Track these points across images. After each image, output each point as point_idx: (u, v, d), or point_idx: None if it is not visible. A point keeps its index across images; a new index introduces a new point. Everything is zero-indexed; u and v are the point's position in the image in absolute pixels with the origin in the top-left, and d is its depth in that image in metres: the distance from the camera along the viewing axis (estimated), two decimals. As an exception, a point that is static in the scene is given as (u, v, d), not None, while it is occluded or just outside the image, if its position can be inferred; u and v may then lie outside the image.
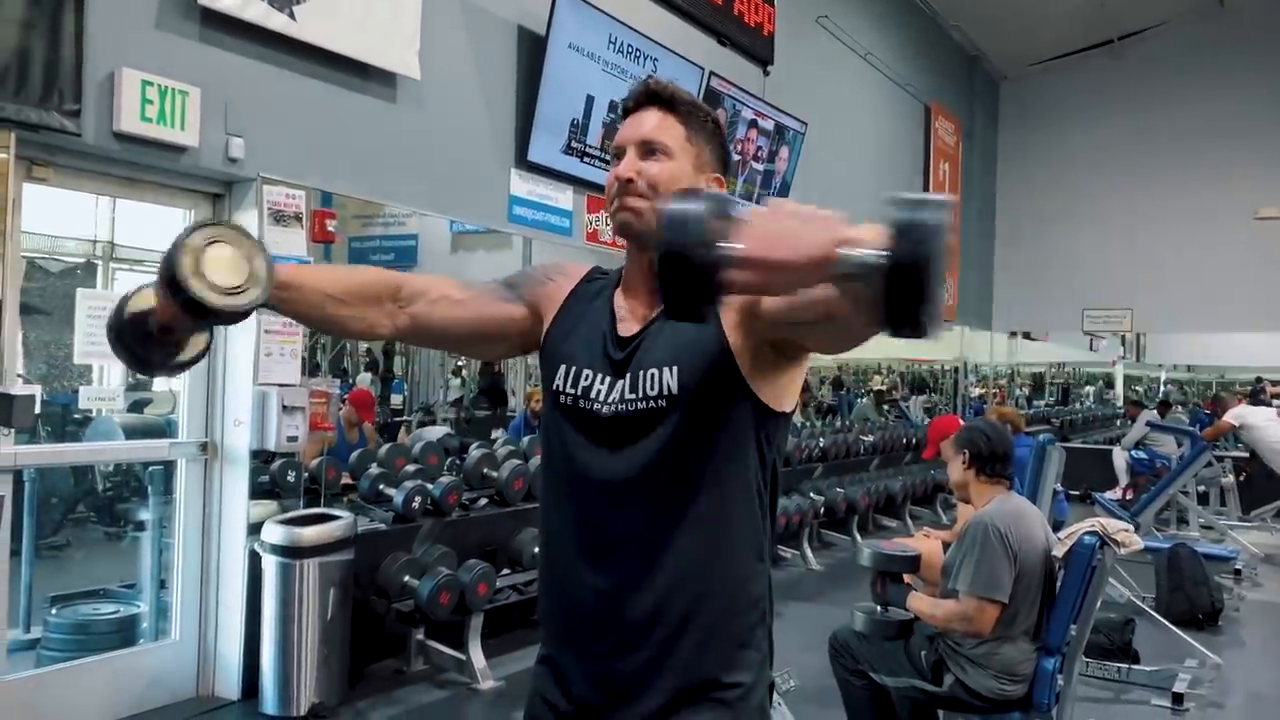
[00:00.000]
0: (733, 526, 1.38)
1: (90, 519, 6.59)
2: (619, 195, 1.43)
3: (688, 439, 1.35)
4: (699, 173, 1.45)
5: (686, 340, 1.37)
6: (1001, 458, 3.06)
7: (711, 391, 1.36)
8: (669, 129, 1.43)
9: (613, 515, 1.38)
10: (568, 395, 1.43)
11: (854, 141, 8.97)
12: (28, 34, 3.09)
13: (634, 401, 1.38)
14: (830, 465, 7.82)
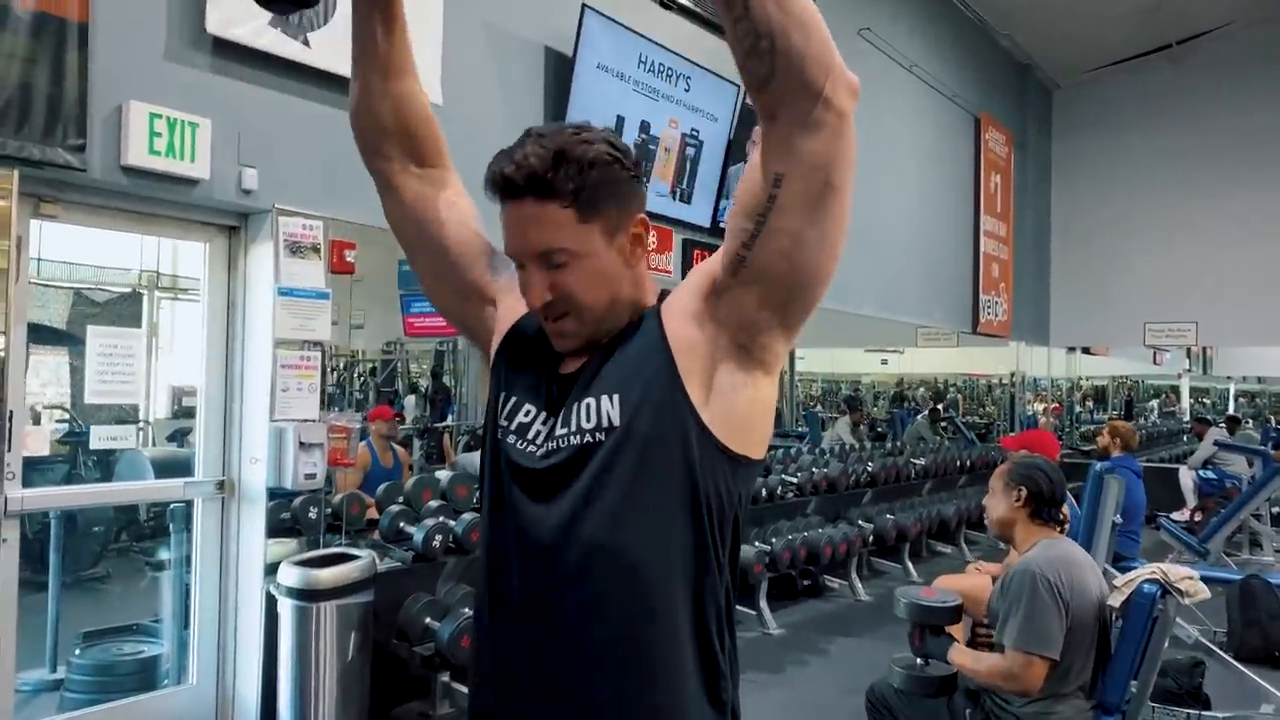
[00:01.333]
0: (684, 595, 1.19)
1: (132, 549, 6.59)
2: (546, 323, 1.27)
3: (627, 478, 1.17)
4: (611, 240, 1.24)
5: (630, 367, 1.20)
6: (1059, 502, 2.82)
7: (658, 424, 1.17)
8: (556, 225, 1.20)
9: (540, 573, 1.21)
10: (504, 429, 1.28)
11: (900, 155, 8.73)
12: (30, 69, 3.02)
13: (565, 437, 1.20)
14: (880, 490, 7.57)
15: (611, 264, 1.24)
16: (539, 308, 1.24)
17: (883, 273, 8.42)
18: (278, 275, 3.78)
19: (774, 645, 5.45)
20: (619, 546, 1.17)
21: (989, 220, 10.37)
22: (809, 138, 1.10)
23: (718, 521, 1.20)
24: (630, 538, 1.17)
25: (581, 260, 1.21)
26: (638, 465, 1.17)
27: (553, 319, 1.24)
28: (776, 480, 6.35)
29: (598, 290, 1.23)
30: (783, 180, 1.12)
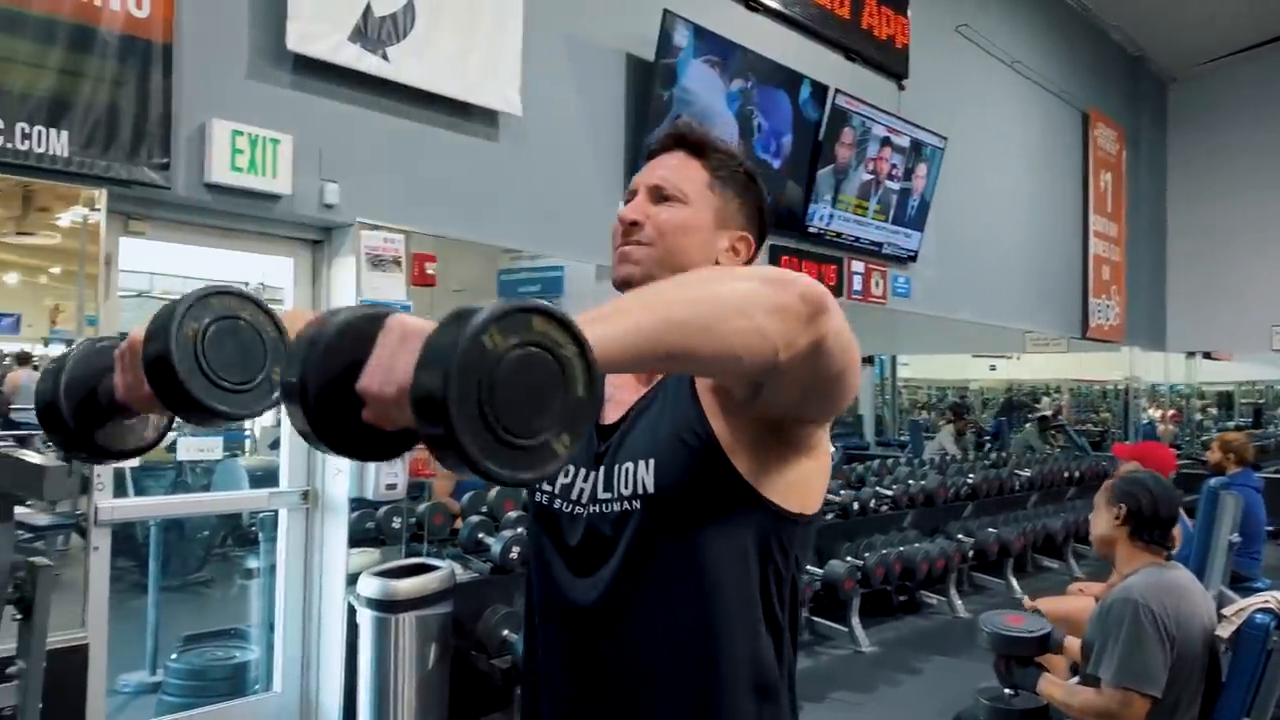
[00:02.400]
0: (731, 659, 1.11)
1: (233, 555, 6.79)
2: (619, 242, 1.22)
3: (666, 549, 1.10)
4: (720, 228, 1.23)
5: (664, 425, 1.13)
6: (1165, 522, 2.62)
7: (696, 491, 1.10)
8: (689, 173, 1.23)
9: (585, 639, 1.15)
10: (544, 494, 1.21)
11: (1002, 154, 8.43)
12: (117, 91, 3.11)
13: (609, 502, 1.14)
14: (982, 503, 7.29)
15: (704, 238, 1.23)
16: (625, 223, 1.22)
17: (982, 277, 8.13)
18: (359, 288, 3.82)
19: (866, 663, 5.28)
20: (664, 625, 1.12)
21: (1099, 220, 9.93)
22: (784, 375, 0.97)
23: (774, 583, 1.14)
24: (675, 616, 1.11)
25: (686, 211, 1.22)
26: (677, 534, 1.11)
27: (628, 241, 1.22)
28: (870, 493, 6.17)
29: (683, 241, 1.21)
30: (763, 389, 1.04)
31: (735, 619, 1.11)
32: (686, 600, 1.10)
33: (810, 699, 4.67)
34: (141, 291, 9.45)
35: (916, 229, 7.10)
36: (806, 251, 6.19)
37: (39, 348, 6.52)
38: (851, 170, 6.37)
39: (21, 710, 2.19)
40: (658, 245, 1.21)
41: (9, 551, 2.13)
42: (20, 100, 2.92)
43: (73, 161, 3.02)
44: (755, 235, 1.27)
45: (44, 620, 2.19)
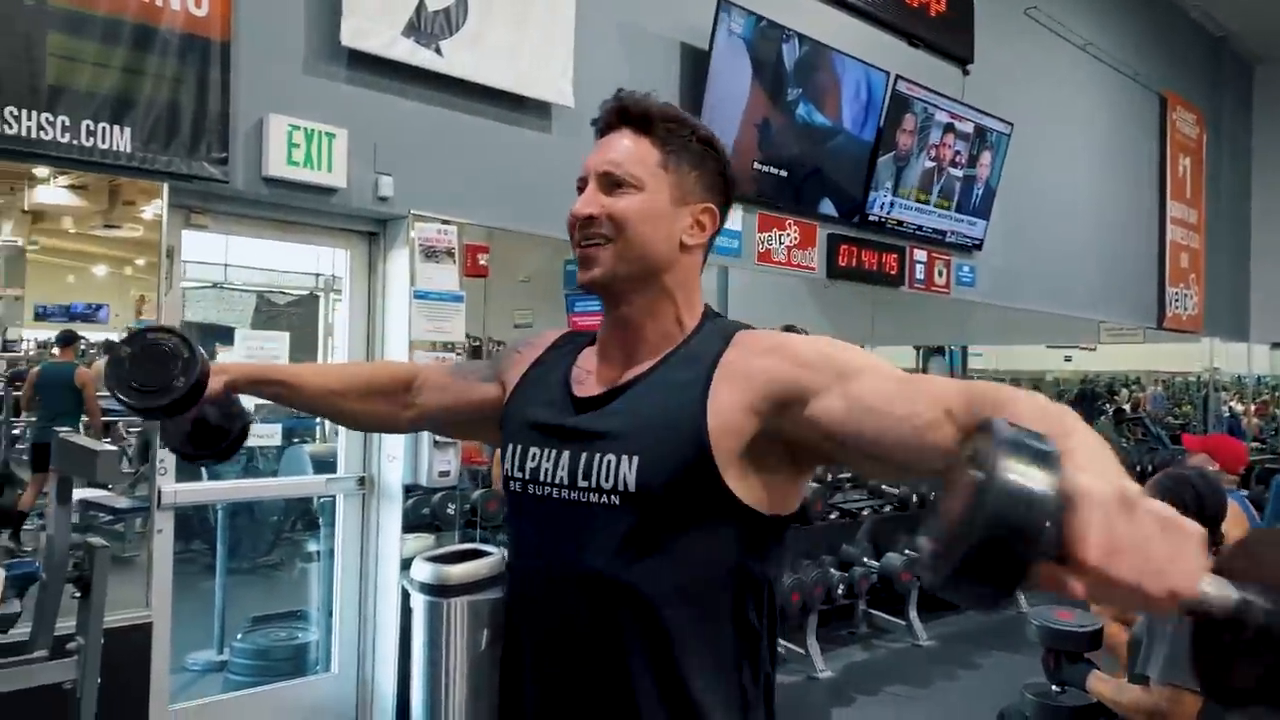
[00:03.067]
0: (704, 672, 1.12)
1: (304, 539, 6.97)
2: (578, 240, 1.20)
3: (640, 550, 1.10)
4: (679, 205, 1.21)
5: (656, 419, 1.12)
6: (1212, 519, 2.54)
7: (680, 495, 1.09)
8: (640, 153, 1.20)
9: (556, 626, 1.18)
10: (516, 480, 1.23)
11: (1073, 140, 8.21)
12: (177, 88, 3.21)
13: (586, 491, 1.14)
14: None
15: (666, 220, 1.20)
16: (580, 217, 1.20)
17: (1052, 266, 7.94)
18: (413, 279, 3.89)
19: (922, 657, 5.22)
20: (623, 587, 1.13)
21: (1177, 207, 9.61)
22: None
23: (750, 588, 1.14)
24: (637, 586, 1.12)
25: (641, 196, 1.19)
26: (651, 534, 1.11)
27: (585, 242, 1.20)
28: (928, 486, 6.08)
29: (642, 230, 1.18)
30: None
31: (711, 622, 1.12)
32: (657, 596, 1.11)
33: (865, 692, 4.64)
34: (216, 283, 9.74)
35: (981, 217, 6.96)
36: (866, 240, 6.11)
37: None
38: (913, 158, 6.27)
39: (80, 684, 2.28)
40: (618, 240, 1.18)
41: (67, 532, 2.23)
42: (86, 98, 3.03)
43: (135, 157, 3.13)
44: (719, 202, 1.24)
45: (101, 599, 2.28)
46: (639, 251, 1.18)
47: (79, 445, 2.12)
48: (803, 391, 1.07)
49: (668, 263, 1.20)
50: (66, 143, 2.99)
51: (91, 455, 2.06)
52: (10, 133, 2.89)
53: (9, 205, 18.64)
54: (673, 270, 1.21)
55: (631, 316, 1.21)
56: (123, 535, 5.64)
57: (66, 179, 15.26)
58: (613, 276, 1.19)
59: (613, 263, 1.18)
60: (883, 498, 5.78)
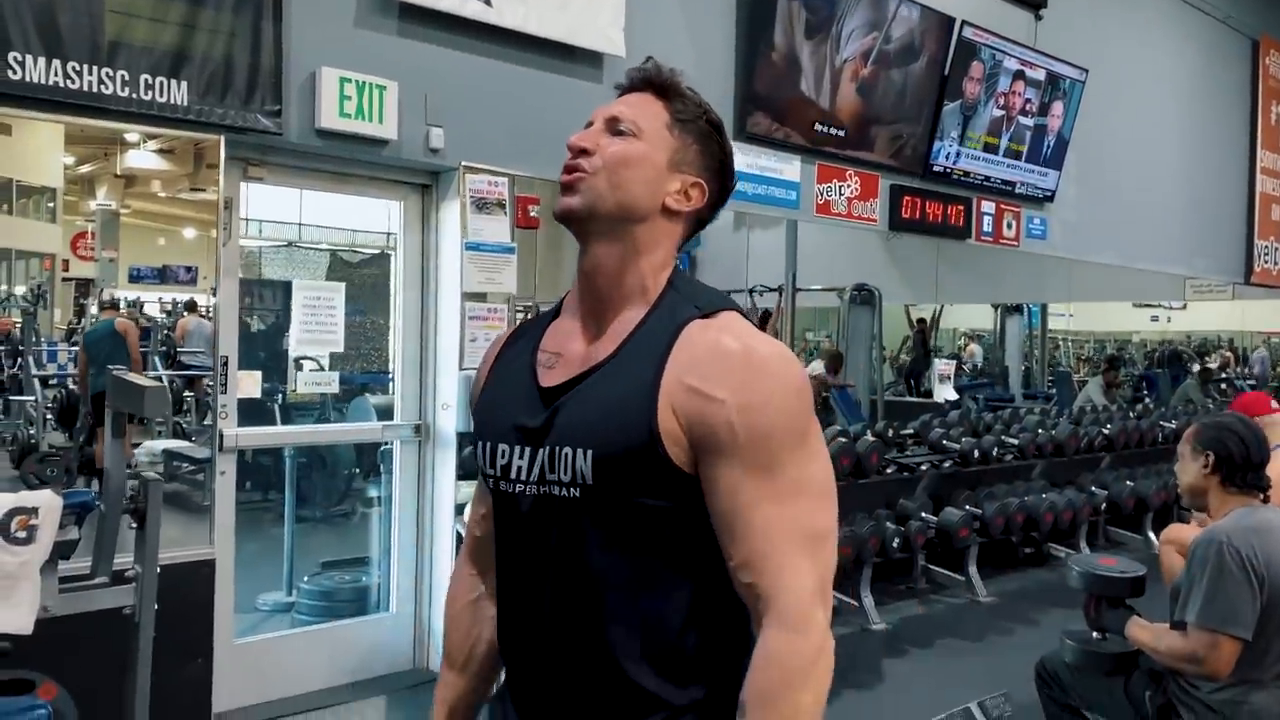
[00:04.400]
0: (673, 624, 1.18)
1: (372, 487, 7.19)
2: (565, 174, 1.22)
3: (611, 539, 1.15)
4: (673, 170, 1.22)
5: (612, 414, 1.14)
6: (1256, 466, 2.47)
7: (636, 484, 1.13)
8: (650, 111, 1.23)
9: (535, 603, 1.21)
10: (490, 477, 1.25)
11: (1154, 86, 7.88)
12: (231, 42, 3.29)
13: (553, 484, 1.17)
14: (1122, 455, 6.96)
15: (656, 176, 1.22)
16: (574, 150, 1.22)
17: (1129, 218, 7.67)
18: (464, 231, 3.94)
19: (981, 613, 5.17)
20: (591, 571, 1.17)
21: (1268, 156, 9.19)
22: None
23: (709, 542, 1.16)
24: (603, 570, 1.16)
25: (640, 146, 1.21)
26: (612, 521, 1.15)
27: (572, 170, 1.22)
28: (992, 441, 5.98)
29: (629, 175, 1.20)
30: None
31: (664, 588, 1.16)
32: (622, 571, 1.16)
33: (918, 644, 4.63)
34: (290, 242, 9.97)
35: (1053, 167, 6.76)
36: (931, 191, 5.99)
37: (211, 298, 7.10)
38: (980, 106, 6.11)
39: (138, 609, 2.41)
40: (601, 176, 1.19)
41: (123, 464, 2.34)
42: (143, 53, 3.13)
43: (192, 110, 3.23)
44: (713, 188, 1.25)
45: (156, 529, 2.40)
46: (620, 195, 1.20)
47: (129, 381, 2.22)
48: (717, 447, 1.11)
49: (646, 217, 1.21)
50: (126, 96, 3.10)
51: (140, 390, 2.15)
52: (74, 87, 3.00)
53: (103, 170, 19.15)
54: (649, 226, 1.22)
55: (600, 264, 1.22)
56: (203, 484, 5.89)
57: (156, 144, 15.60)
58: (590, 211, 1.20)
59: (593, 197, 1.20)
60: (944, 453, 5.71)
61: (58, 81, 2.95)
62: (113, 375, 2.25)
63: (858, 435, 5.34)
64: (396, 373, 4.12)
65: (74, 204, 18.96)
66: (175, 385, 9.57)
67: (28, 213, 18.29)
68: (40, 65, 2.93)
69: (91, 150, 17.26)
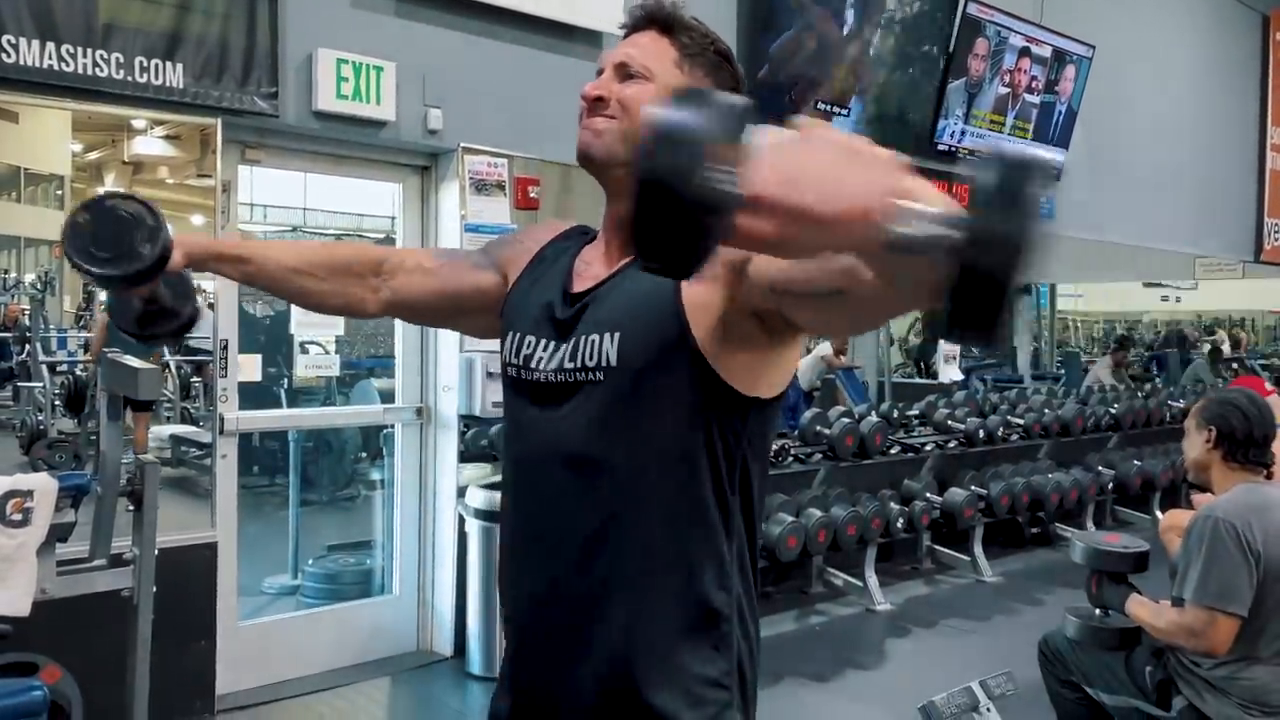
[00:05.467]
0: (681, 538, 1.14)
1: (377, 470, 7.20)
2: (583, 119, 1.23)
3: (621, 422, 1.14)
4: None
5: (637, 299, 1.15)
6: (1259, 442, 2.45)
7: (656, 367, 1.12)
8: (657, 50, 1.22)
9: (545, 505, 1.20)
10: (512, 366, 1.26)
11: (1162, 62, 7.80)
12: (226, 24, 3.28)
13: (572, 371, 1.17)
14: (1129, 435, 6.92)
15: None
16: (589, 99, 1.22)
17: (1138, 197, 7.61)
18: (464, 212, 3.93)
19: (987, 592, 5.17)
20: (605, 460, 1.15)
21: (1278, 133, 9.11)
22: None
23: (724, 459, 1.15)
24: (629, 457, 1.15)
25: (651, 88, 1.21)
26: (635, 401, 1.14)
27: (592, 114, 1.22)
28: (998, 421, 5.96)
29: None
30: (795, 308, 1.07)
31: (686, 495, 1.14)
32: (639, 474, 1.14)
33: (922, 624, 4.62)
34: (296, 226, 9.96)
35: (1061, 145, 6.71)
36: (935, 171, 5.89)
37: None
38: (986, 84, 6.06)
39: (137, 591, 2.41)
40: (622, 120, 1.20)
41: (118, 447, 2.34)
42: (138, 35, 3.11)
43: (188, 92, 3.21)
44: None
45: (153, 512, 2.40)
46: (635, 133, 1.19)
47: (123, 364, 2.22)
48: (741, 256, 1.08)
49: None
50: (121, 79, 3.09)
51: (134, 373, 2.15)
52: (68, 70, 3.00)
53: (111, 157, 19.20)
54: None
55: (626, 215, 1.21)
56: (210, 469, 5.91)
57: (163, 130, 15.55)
58: (611, 156, 1.20)
59: (614, 141, 1.20)
60: (949, 434, 5.69)
61: (52, 65, 2.94)
62: (107, 359, 2.24)
63: (862, 416, 5.32)
64: (398, 355, 4.12)
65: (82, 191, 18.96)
66: (183, 371, 9.60)
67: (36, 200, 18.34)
68: (35, 48, 2.92)
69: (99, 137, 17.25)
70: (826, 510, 4.60)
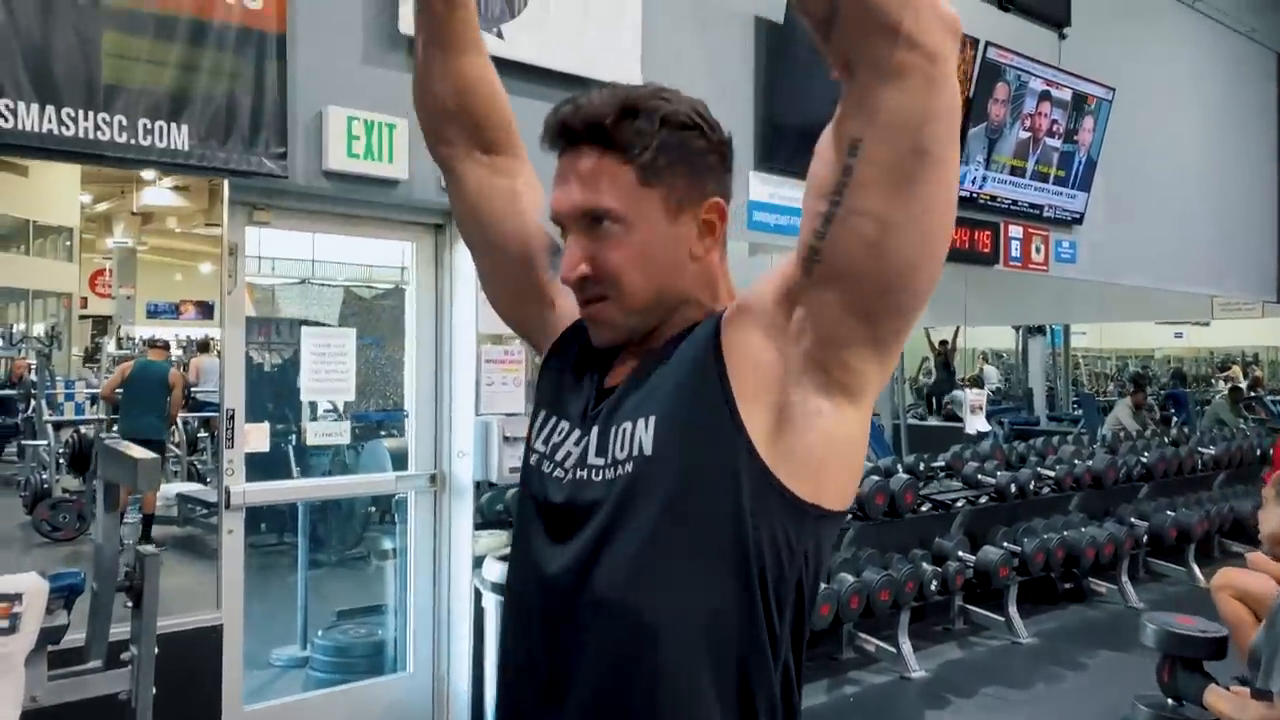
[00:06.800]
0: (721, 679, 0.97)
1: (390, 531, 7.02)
2: (582, 307, 1.07)
3: (651, 521, 0.96)
4: (677, 216, 1.03)
5: (674, 382, 0.98)
6: None
7: (699, 455, 0.95)
8: (612, 180, 1.02)
9: (550, 643, 1.03)
10: (535, 452, 1.10)
11: (1181, 104, 7.71)
12: (233, 84, 3.16)
13: (599, 468, 1.00)
14: (1160, 484, 6.72)
15: (667, 246, 1.04)
16: (573, 281, 1.05)
17: (1159, 239, 7.48)
18: (479, 270, 3.78)
19: (1023, 655, 4.95)
20: (634, 604, 0.97)
21: (1297, 172, 8.99)
22: (890, 89, 0.85)
23: (773, 584, 0.97)
24: (649, 594, 0.96)
25: (632, 232, 1.02)
26: (667, 505, 0.96)
27: (588, 300, 1.06)
28: (1029, 474, 5.76)
29: (644, 273, 1.03)
30: (860, 146, 0.87)
31: (714, 612, 0.96)
32: (660, 582, 0.96)
33: (961, 694, 4.41)
34: (304, 279, 9.87)
35: (1082, 189, 6.58)
36: (957, 218, 5.80)
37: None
38: (1006, 129, 5.95)
39: (135, 695, 2.24)
40: (617, 296, 1.04)
41: (115, 539, 2.18)
42: (142, 97, 2.99)
43: (194, 154, 3.09)
44: (723, 190, 1.07)
45: (153, 608, 2.23)
46: (644, 297, 1.04)
47: (121, 452, 2.06)
48: (787, 266, 0.97)
49: (680, 281, 1.06)
50: (124, 142, 2.96)
51: (132, 462, 2.00)
52: (69, 134, 2.87)
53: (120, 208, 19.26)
54: (690, 282, 1.07)
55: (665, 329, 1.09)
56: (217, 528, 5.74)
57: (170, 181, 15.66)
58: (627, 331, 1.07)
59: (621, 318, 1.05)
60: (978, 488, 5.50)
61: (52, 129, 2.82)
62: (104, 445, 2.09)
63: (889, 471, 5.14)
64: (411, 417, 3.96)
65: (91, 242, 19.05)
66: (190, 426, 9.47)
67: (45, 252, 18.38)
68: (34, 112, 2.80)
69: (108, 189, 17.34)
70: (858, 574, 4.41)
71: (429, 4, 1.22)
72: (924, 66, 0.84)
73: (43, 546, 6.92)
